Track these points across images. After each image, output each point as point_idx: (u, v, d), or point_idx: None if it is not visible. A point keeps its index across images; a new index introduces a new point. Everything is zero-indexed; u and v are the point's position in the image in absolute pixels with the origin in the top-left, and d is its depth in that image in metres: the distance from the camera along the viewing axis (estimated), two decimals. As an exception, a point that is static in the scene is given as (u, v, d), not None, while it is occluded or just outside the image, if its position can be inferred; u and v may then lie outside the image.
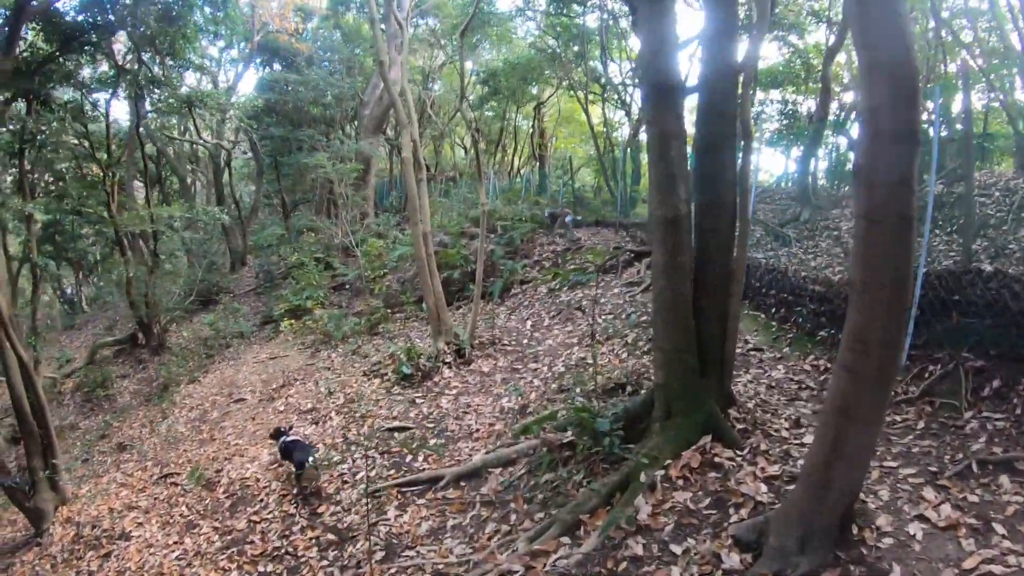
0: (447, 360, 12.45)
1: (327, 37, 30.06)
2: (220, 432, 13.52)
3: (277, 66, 28.53)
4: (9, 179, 24.70)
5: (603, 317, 13.54)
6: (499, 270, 17.14)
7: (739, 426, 7.55)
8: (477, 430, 9.79)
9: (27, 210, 12.89)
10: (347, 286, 21.43)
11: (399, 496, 8.52)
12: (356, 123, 28.07)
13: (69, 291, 38.74)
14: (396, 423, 10.61)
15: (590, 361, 11.24)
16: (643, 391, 9.42)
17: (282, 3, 27.98)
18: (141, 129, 26.28)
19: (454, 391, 11.46)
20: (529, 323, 14.27)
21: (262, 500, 9.70)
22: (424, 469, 9.05)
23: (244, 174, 37.07)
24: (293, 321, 18.72)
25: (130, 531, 10.38)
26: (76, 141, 22.20)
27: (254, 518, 9.26)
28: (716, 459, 6.78)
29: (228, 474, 10.91)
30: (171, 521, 10.28)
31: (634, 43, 25.08)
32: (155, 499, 11.39)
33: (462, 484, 8.37)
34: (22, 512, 12.09)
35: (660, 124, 7.39)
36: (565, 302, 14.85)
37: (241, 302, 23.47)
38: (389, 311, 17.57)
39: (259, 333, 20.43)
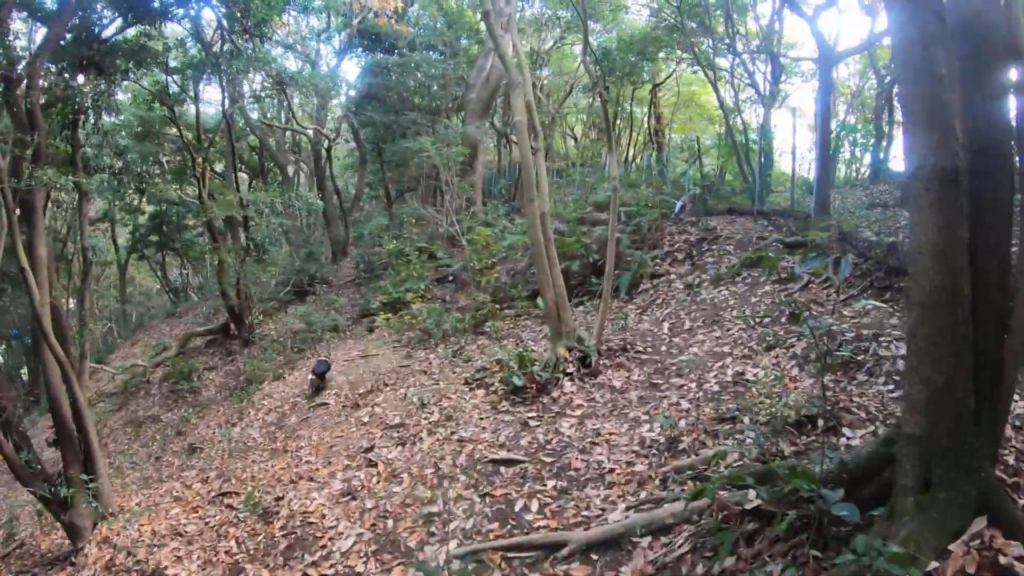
0: (568, 370, 9.66)
1: (429, 25, 27.79)
2: (294, 442, 11.21)
3: (379, 54, 26.33)
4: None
5: (756, 320, 10.66)
6: (626, 262, 14.27)
7: (1020, 500, 4.89)
8: (611, 470, 7.04)
9: (69, 180, 10.84)
10: (451, 278, 19.00)
11: (503, 564, 5.90)
12: (463, 113, 25.59)
13: (181, 281, 38.22)
14: (503, 453, 7.91)
15: (751, 378, 8.50)
16: (846, 429, 6.67)
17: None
18: (239, 118, 24.86)
19: (578, 412, 8.69)
20: (666, 326, 11.41)
21: (324, 547, 7.23)
22: (539, 527, 6.35)
23: (347, 164, 35.26)
24: (390, 315, 16.41)
25: (165, 567, 8.21)
26: (178, 134, 20.80)
27: (311, 572, 6.80)
28: (1001, 559, 4.09)
29: (290, 504, 8.49)
30: (214, 559, 8.03)
31: (763, 9, 21.87)
32: (205, 524, 9.26)
33: (594, 557, 5.68)
34: (60, 525, 10.10)
35: (920, 22, 4.63)
36: (708, 301, 11.94)
37: (339, 294, 21.35)
38: (497, 307, 14.99)
39: (354, 328, 18.20)
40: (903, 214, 15.88)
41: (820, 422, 6.82)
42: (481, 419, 9.06)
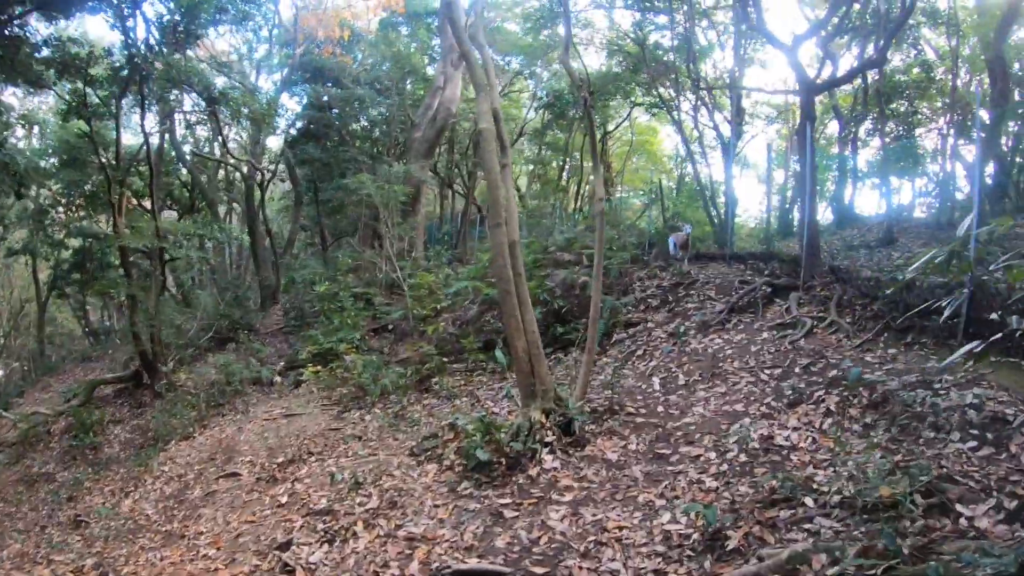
0: (547, 439, 7.19)
1: (376, 66, 25.65)
2: (194, 524, 8.49)
3: (321, 86, 23.97)
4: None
5: (765, 371, 8.55)
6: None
7: None
8: (633, 587, 4.68)
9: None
10: (390, 328, 16.42)
11: None
12: (405, 160, 23.23)
13: (108, 323, 34.56)
14: (473, 561, 5.34)
15: (783, 443, 6.40)
16: (959, 505, 4.57)
17: (327, 16, 23.57)
18: (170, 150, 22.34)
19: (568, 496, 6.24)
20: (656, 381, 9.11)
21: None
22: None
23: (282, 206, 32.21)
24: (320, 368, 13.76)
25: None
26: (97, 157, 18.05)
27: None
28: None
29: (172, 627, 5.85)
30: None
31: (722, 54, 20.52)
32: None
33: None
34: None
35: None
36: (701, 351, 9.77)
37: (265, 342, 18.67)
38: (444, 360, 12.52)
39: (280, 381, 15.44)
40: (891, 254, 14.42)
41: (918, 499, 4.72)
42: (436, 507, 6.51)
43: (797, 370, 8.43)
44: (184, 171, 25.67)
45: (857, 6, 15.66)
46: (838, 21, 14.53)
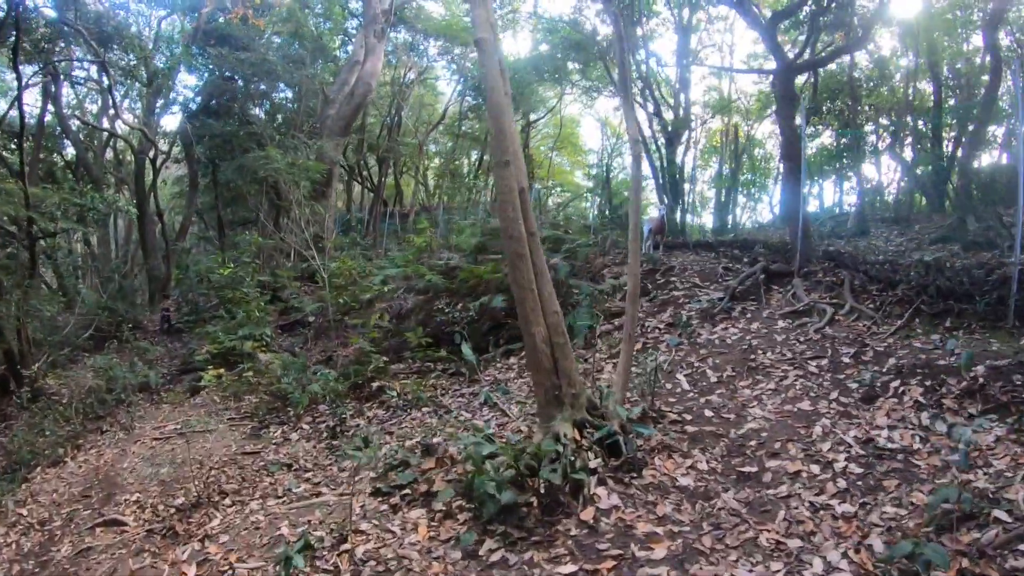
0: (589, 464, 4.86)
1: (286, 43, 22.64)
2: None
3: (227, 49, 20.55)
4: None
5: (810, 363, 6.88)
6: (572, 295, 9.74)
7: None
8: None
9: None
10: (311, 319, 13.61)
11: None
12: (315, 139, 20.31)
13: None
14: None
15: (890, 445, 4.71)
16: None
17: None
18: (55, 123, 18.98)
19: (659, 548, 3.96)
20: (682, 378, 7.03)
21: None
22: None
23: (175, 192, 28.17)
24: (222, 371, 10.95)
25: None
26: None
27: None
28: None
29: None
30: None
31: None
32: None
33: None
34: None
35: None
36: (718, 343, 7.88)
37: (154, 341, 15.56)
38: (384, 360, 9.82)
39: (173, 387, 12.42)
40: (871, 242, 13.35)
41: None
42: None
43: (846, 360, 6.72)
44: (69, 147, 21.98)
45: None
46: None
